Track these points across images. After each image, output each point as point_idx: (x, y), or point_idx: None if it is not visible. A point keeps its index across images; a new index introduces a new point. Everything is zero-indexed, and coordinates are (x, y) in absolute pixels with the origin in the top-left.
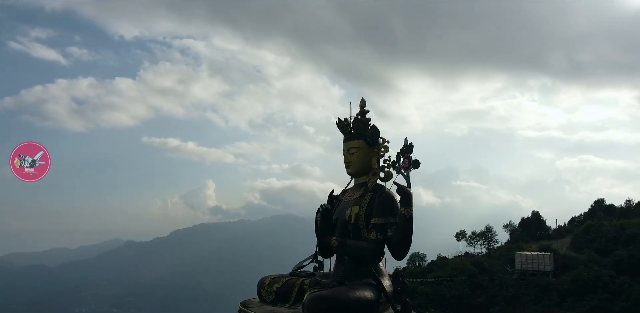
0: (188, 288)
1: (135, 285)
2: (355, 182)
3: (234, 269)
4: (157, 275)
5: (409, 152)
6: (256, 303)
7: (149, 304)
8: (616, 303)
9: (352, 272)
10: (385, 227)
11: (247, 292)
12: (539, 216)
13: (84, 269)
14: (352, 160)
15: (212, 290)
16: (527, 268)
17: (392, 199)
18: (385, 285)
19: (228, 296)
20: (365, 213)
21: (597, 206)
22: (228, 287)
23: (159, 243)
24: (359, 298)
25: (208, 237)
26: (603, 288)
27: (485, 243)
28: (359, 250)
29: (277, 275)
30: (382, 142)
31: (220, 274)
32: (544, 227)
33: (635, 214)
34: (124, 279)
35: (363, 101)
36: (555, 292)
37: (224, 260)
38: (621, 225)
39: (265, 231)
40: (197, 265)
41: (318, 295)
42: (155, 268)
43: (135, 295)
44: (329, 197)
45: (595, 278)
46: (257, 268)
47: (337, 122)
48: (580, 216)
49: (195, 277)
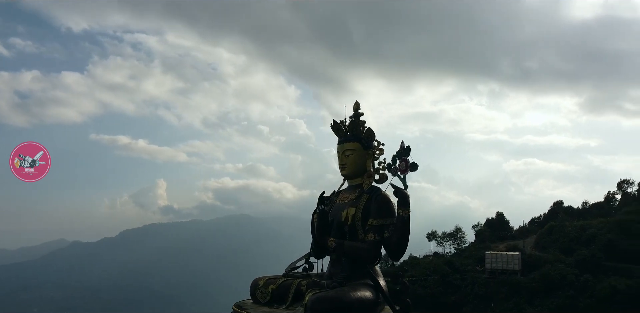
0: (138, 289)
1: (81, 287)
2: (349, 184)
3: (186, 270)
4: (105, 277)
5: (406, 154)
6: (250, 304)
7: (96, 307)
8: (581, 300)
9: (350, 272)
10: (382, 228)
11: (200, 293)
12: (502, 217)
13: (25, 271)
14: (348, 162)
15: (163, 292)
16: (497, 267)
17: (388, 201)
18: (382, 285)
19: (179, 297)
20: (362, 214)
21: (557, 207)
22: (179, 289)
23: (107, 244)
24: (360, 298)
25: (159, 237)
26: (569, 286)
27: (455, 244)
28: (357, 251)
29: (271, 276)
30: (377, 145)
31: (171, 275)
32: (508, 228)
33: (592, 215)
34: (69, 281)
35: (357, 104)
36: (525, 290)
37: (175, 261)
38: (581, 226)
39: (219, 231)
40: (147, 266)
41: (321, 296)
42: (103, 270)
43: (82, 298)
44: (319, 198)
45: (561, 277)
46: (210, 269)
47: (333, 124)
48: (540, 217)
49: (145, 278)
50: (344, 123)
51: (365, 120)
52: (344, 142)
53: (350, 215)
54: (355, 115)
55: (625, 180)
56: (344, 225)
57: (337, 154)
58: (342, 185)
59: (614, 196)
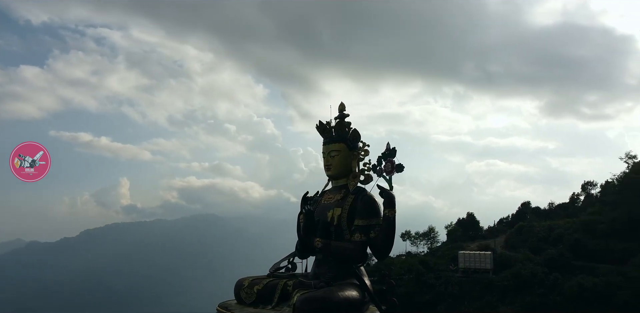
0: (99, 291)
1: (40, 288)
2: (334, 184)
3: (148, 270)
4: (65, 278)
5: (391, 156)
6: (234, 305)
7: (56, 309)
8: (551, 298)
9: (337, 272)
10: (368, 228)
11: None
12: (473, 217)
13: None
14: (333, 163)
15: (124, 293)
16: (470, 266)
17: (374, 201)
18: (368, 285)
19: (141, 298)
20: (347, 215)
21: (524, 208)
22: (142, 289)
23: (67, 244)
24: (348, 298)
25: (121, 237)
26: (539, 284)
27: (428, 243)
28: (344, 251)
29: (255, 277)
30: (362, 146)
31: (133, 276)
32: (478, 228)
33: (558, 216)
34: (27, 283)
35: (342, 105)
36: (497, 289)
37: (138, 261)
38: (549, 226)
39: (184, 231)
40: (108, 267)
41: (310, 296)
42: (63, 271)
43: (41, 300)
44: (303, 199)
45: (531, 275)
46: (174, 269)
47: (318, 125)
48: (508, 217)
49: (106, 279)
50: (330, 124)
51: (350, 121)
52: (329, 142)
53: (336, 215)
54: (340, 116)
55: (589, 182)
56: (330, 225)
57: (322, 154)
58: (326, 186)
59: (578, 197)
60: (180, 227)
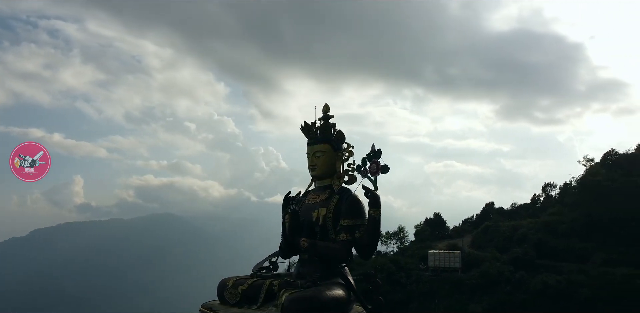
0: (50, 293)
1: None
2: (319, 185)
3: (102, 271)
4: (13, 280)
5: (376, 157)
6: (218, 305)
7: (4, 312)
8: (517, 295)
9: (323, 272)
10: (354, 228)
11: (116, 295)
12: (440, 217)
13: None
14: (318, 164)
15: (76, 295)
16: (439, 265)
17: (359, 202)
18: (353, 284)
19: (94, 300)
20: (332, 215)
21: (488, 208)
22: (95, 291)
23: (15, 244)
24: (335, 297)
25: (74, 236)
26: (506, 282)
27: (398, 243)
28: (330, 251)
29: (239, 277)
30: (347, 147)
31: (86, 277)
32: (444, 227)
33: (520, 216)
34: None
35: (326, 106)
36: (466, 287)
37: (91, 262)
38: (513, 226)
39: (140, 231)
40: (60, 268)
41: (298, 296)
42: (11, 272)
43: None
44: (285, 199)
45: (498, 274)
46: (129, 269)
47: (303, 126)
48: (472, 217)
49: (58, 280)
50: (315, 124)
51: (335, 122)
52: (314, 143)
53: (322, 215)
54: (324, 117)
55: (549, 183)
56: (315, 225)
57: (307, 155)
58: (309, 186)
59: (539, 198)
60: (136, 226)
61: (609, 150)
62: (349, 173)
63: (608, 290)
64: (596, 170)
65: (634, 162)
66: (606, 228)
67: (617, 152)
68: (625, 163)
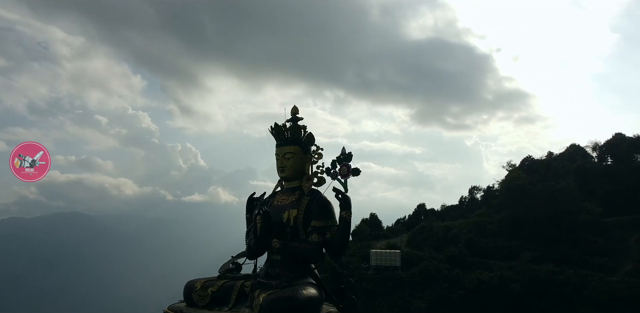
0: None
1: None
2: (287, 186)
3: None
4: None
5: (347, 160)
6: (186, 308)
7: None
8: (454, 291)
9: (296, 272)
10: (325, 229)
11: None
12: (376, 217)
13: None
14: (287, 165)
15: None
16: (380, 264)
17: (329, 203)
18: (323, 283)
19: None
20: (303, 216)
21: (420, 209)
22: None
23: None
24: (311, 297)
25: None
26: (443, 280)
27: None
28: (302, 252)
29: (207, 279)
30: (316, 149)
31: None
32: (380, 227)
33: (450, 217)
34: None
35: (295, 108)
36: (406, 284)
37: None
38: (446, 226)
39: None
40: None
41: (277, 297)
42: None
43: None
44: (249, 199)
45: (436, 271)
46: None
47: (273, 127)
48: (405, 217)
49: None
50: (285, 126)
51: (305, 124)
52: (284, 145)
53: (292, 216)
54: (293, 119)
55: (475, 186)
56: (286, 226)
57: (276, 156)
58: (276, 187)
59: (466, 200)
60: (39, 226)
61: (527, 156)
62: (318, 175)
63: (536, 285)
64: (517, 174)
65: (547, 167)
66: (529, 228)
67: (533, 158)
68: (540, 169)
